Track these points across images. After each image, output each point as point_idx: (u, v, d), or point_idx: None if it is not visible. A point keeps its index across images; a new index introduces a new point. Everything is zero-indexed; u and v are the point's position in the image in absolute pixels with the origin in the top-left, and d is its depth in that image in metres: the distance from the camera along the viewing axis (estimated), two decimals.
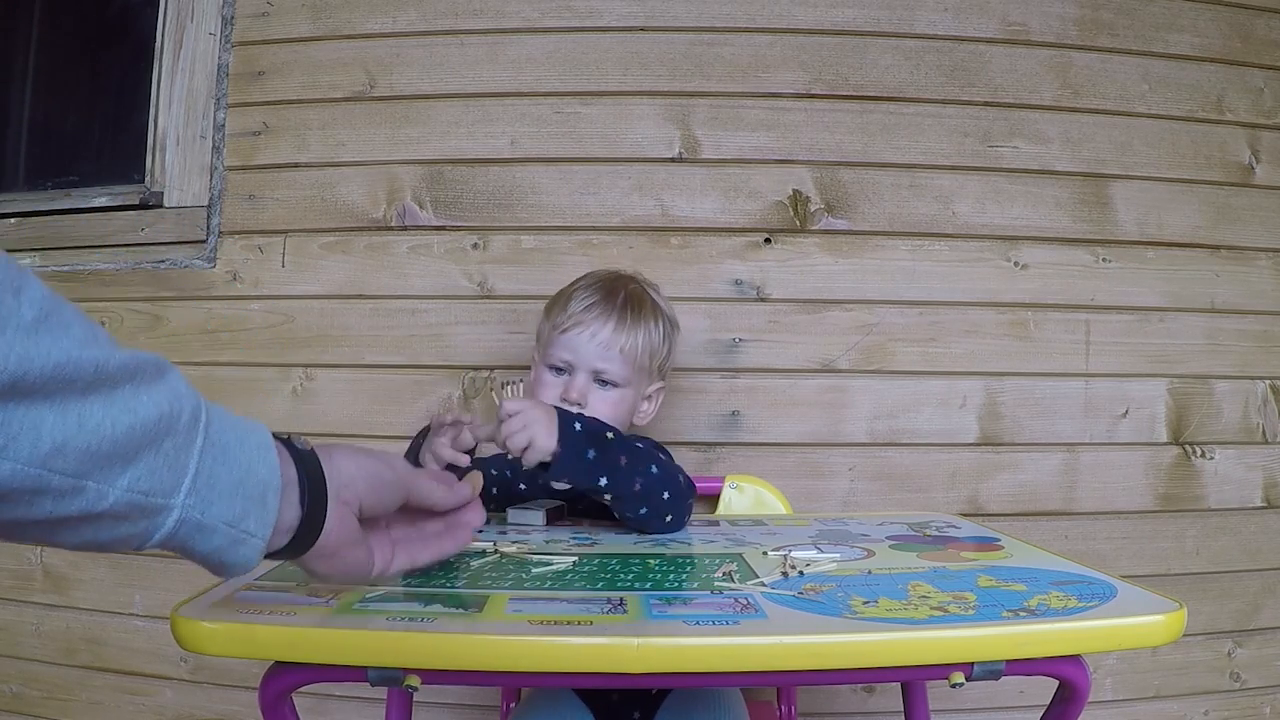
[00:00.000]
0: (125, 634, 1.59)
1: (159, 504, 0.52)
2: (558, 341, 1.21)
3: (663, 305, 1.30)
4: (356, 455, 0.67)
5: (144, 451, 0.51)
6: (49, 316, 0.46)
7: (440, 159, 1.55)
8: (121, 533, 0.52)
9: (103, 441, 0.48)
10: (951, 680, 0.68)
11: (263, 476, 0.57)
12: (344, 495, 0.64)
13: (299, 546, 0.62)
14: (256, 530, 0.57)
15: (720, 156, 1.53)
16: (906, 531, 1.08)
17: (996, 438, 1.53)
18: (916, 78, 1.54)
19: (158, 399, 0.51)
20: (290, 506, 0.60)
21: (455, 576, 0.83)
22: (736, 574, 0.83)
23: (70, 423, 0.47)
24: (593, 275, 1.30)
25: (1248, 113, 1.59)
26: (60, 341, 0.46)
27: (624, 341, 1.20)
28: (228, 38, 1.60)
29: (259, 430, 0.59)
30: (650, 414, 1.29)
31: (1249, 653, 1.57)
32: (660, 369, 1.29)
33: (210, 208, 1.59)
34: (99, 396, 0.48)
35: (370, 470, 0.67)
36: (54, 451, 0.46)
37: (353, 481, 0.65)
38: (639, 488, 1.03)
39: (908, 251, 1.53)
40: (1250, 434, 1.57)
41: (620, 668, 0.66)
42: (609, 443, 1.03)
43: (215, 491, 0.54)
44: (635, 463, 1.04)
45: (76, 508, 0.49)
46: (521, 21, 1.55)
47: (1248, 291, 1.58)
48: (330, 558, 0.65)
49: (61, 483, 0.47)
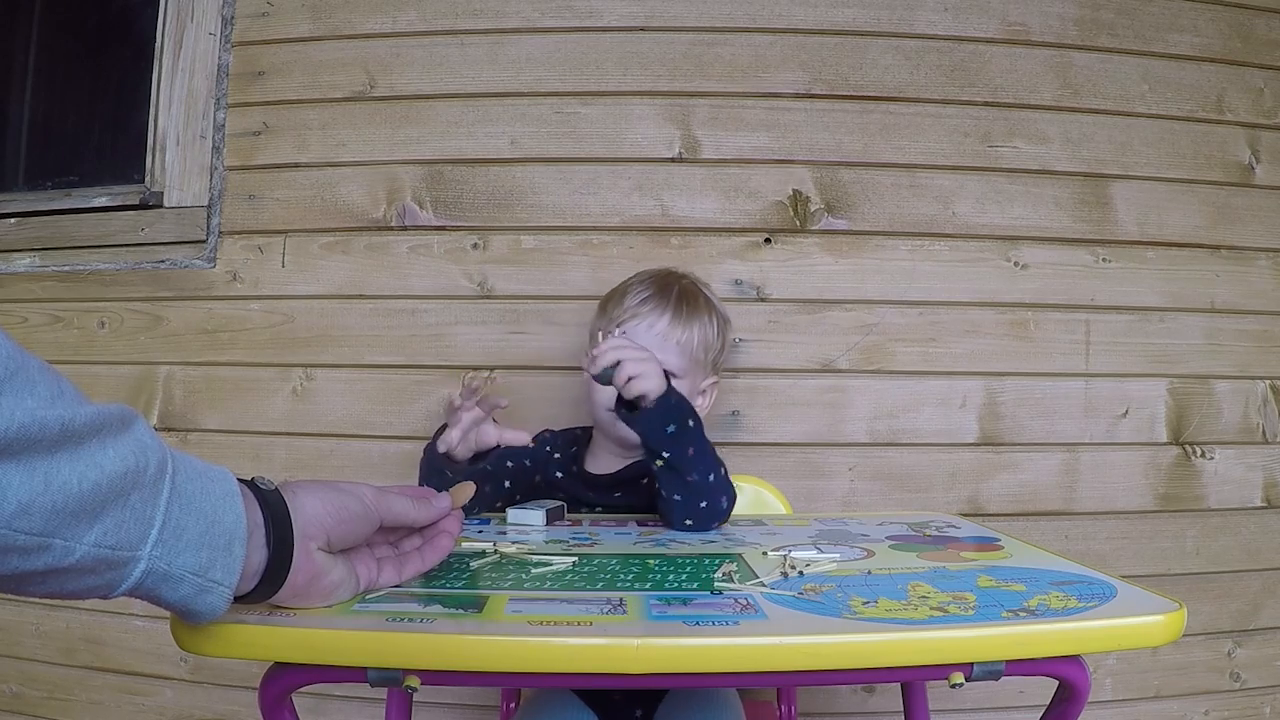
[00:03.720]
0: (125, 634, 1.59)
1: (125, 556, 0.52)
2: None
3: (715, 301, 1.32)
4: (322, 491, 0.67)
5: (110, 506, 0.50)
6: (14, 376, 0.46)
7: (440, 159, 1.55)
8: (88, 584, 0.52)
9: (69, 499, 0.48)
10: (951, 680, 0.68)
11: (228, 524, 0.58)
12: (309, 531, 0.65)
13: (267, 589, 0.63)
14: (223, 579, 0.58)
15: (720, 156, 1.53)
16: (906, 531, 1.08)
17: (996, 438, 1.53)
18: (916, 78, 1.54)
19: (123, 452, 0.51)
20: (256, 549, 0.61)
21: (455, 577, 0.83)
22: (736, 574, 0.83)
23: (37, 482, 0.46)
24: (645, 272, 1.32)
25: (1248, 113, 1.59)
26: (25, 400, 0.46)
27: (680, 334, 1.22)
28: (228, 38, 1.60)
29: (224, 478, 0.59)
30: (705, 408, 1.29)
31: (1249, 653, 1.57)
32: (714, 363, 1.30)
33: (210, 208, 1.59)
34: (65, 454, 0.48)
35: (335, 504, 0.67)
36: (19, 511, 0.46)
37: (317, 517, 0.65)
38: (692, 478, 1.06)
39: (908, 251, 1.53)
40: (1250, 434, 1.57)
41: (620, 668, 0.66)
42: (689, 429, 1.06)
43: (182, 542, 0.55)
44: (699, 458, 1.06)
45: (42, 563, 0.48)
46: (521, 21, 1.55)
47: (1248, 291, 1.58)
48: (303, 594, 0.66)
49: (27, 541, 0.47)
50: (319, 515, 0.65)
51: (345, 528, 0.68)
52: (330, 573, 0.68)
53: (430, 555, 0.79)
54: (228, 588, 0.58)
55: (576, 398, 1.52)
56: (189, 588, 0.56)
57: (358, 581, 0.72)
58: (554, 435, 1.33)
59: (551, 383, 1.53)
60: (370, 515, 0.70)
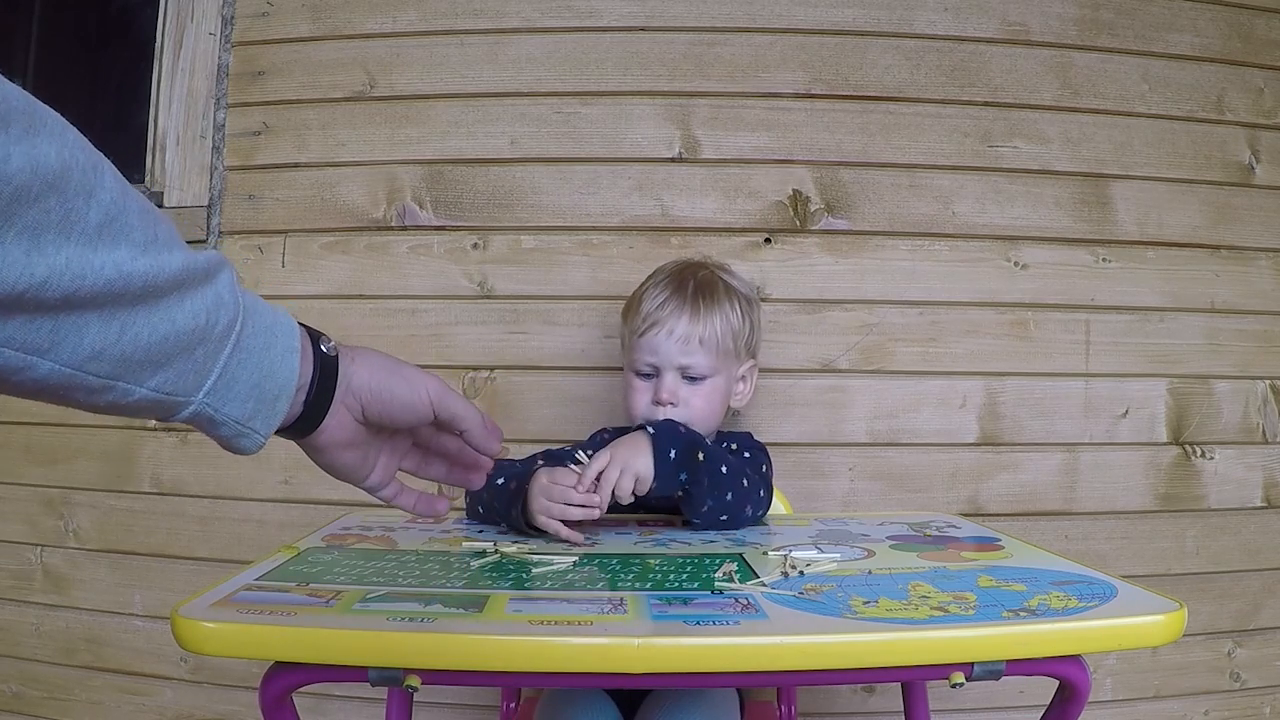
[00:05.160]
0: (125, 634, 1.59)
1: (179, 401, 0.55)
2: (639, 345, 1.21)
3: (736, 284, 1.28)
4: (380, 368, 0.68)
5: (176, 357, 0.53)
6: (113, 221, 0.47)
7: (440, 159, 1.55)
8: (141, 414, 0.55)
9: (139, 349, 0.50)
10: (951, 680, 0.68)
11: (280, 381, 0.60)
12: (347, 401, 0.66)
13: (293, 434, 0.65)
14: (261, 429, 0.60)
15: (720, 156, 1.53)
16: (907, 531, 1.08)
17: (996, 438, 1.53)
18: (916, 78, 1.54)
19: (198, 308, 0.53)
20: (296, 406, 0.63)
21: (456, 576, 0.83)
22: (737, 574, 0.83)
23: (113, 331, 0.48)
24: (660, 271, 1.29)
25: (1248, 113, 1.59)
26: (117, 251, 0.47)
27: (702, 331, 1.20)
28: (228, 38, 1.60)
29: (289, 333, 0.61)
30: (747, 394, 1.29)
31: (1249, 653, 1.57)
32: (748, 347, 1.27)
33: (210, 208, 1.59)
34: (144, 308, 0.50)
35: (383, 384, 0.67)
36: (92, 356, 0.48)
37: (360, 390, 0.66)
38: (710, 504, 1.07)
39: (908, 251, 1.53)
40: (1250, 434, 1.57)
41: (620, 668, 0.66)
42: (698, 465, 1.05)
43: (233, 392, 0.57)
44: (713, 485, 1.06)
45: (105, 400, 0.51)
46: (521, 21, 1.55)
47: (1248, 291, 1.58)
48: (321, 452, 0.67)
49: (95, 382, 0.49)
50: (363, 387, 0.66)
51: (383, 408, 0.67)
52: (357, 448, 0.68)
53: (456, 474, 0.77)
54: (263, 436, 0.61)
55: (577, 398, 1.52)
56: (229, 431, 0.59)
57: (370, 476, 0.71)
58: (611, 434, 1.31)
59: (551, 383, 1.53)
60: (418, 406, 0.68)
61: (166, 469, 1.58)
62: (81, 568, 1.60)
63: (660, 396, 1.18)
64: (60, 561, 1.61)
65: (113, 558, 1.59)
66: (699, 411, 1.19)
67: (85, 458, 1.60)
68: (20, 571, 1.62)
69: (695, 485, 1.05)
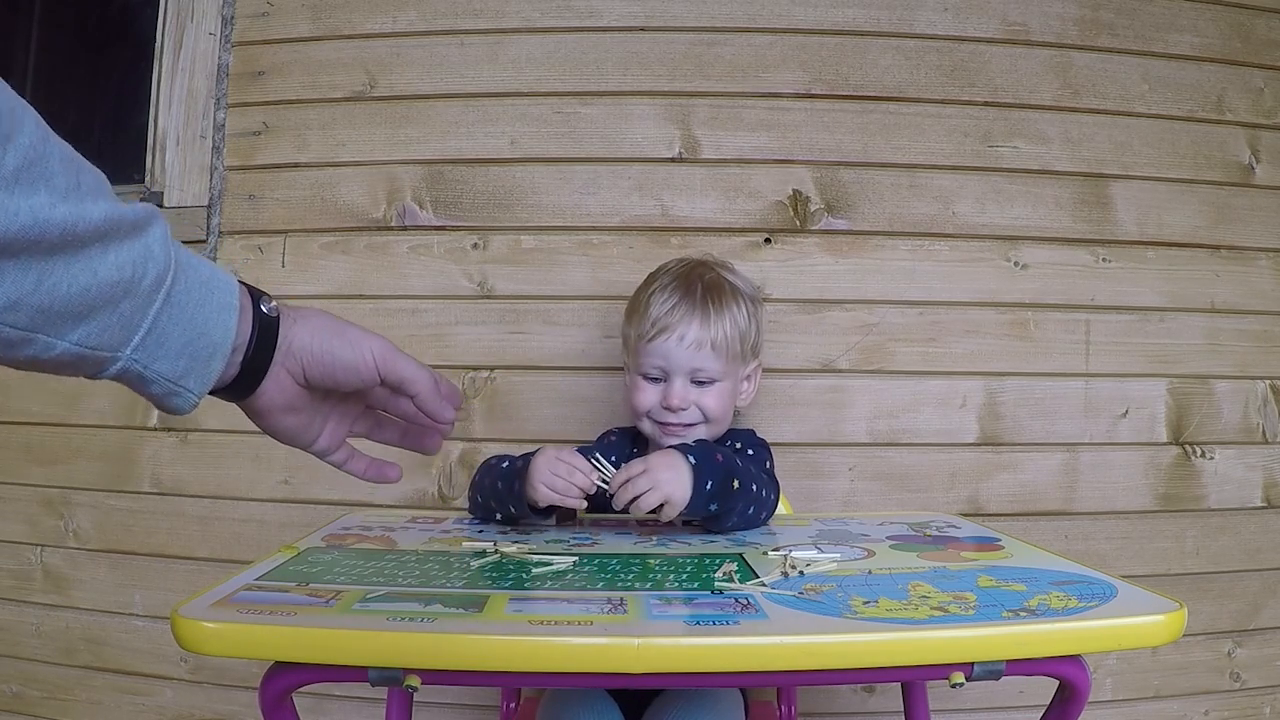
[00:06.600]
0: (125, 634, 1.59)
1: (104, 357, 0.53)
2: (647, 350, 1.20)
3: (741, 285, 1.27)
4: (321, 328, 0.65)
5: (99, 311, 0.51)
6: (31, 166, 0.46)
7: (440, 159, 1.55)
8: (66, 371, 0.54)
9: (56, 300, 0.49)
10: (951, 680, 0.68)
11: (215, 339, 0.58)
12: (288, 363, 0.64)
13: (231, 395, 0.64)
14: (195, 388, 0.59)
15: (720, 156, 1.53)
16: (907, 531, 1.08)
17: (996, 438, 1.53)
18: (916, 78, 1.54)
19: (123, 260, 0.52)
20: (233, 366, 0.61)
21: (455, 576, 0.83)
22: (737, 574, 0.83)
23: (29, 281, 0.47)
24: (664, 272, 1.27)
25: (1248, 113, 1.59)
26: (35, 197, 0.46)
27: (713, 336, 1.18)
28: (228, 38, 1.60)
29: (227, 289, 0.59)
30: (750, 394, 1.29)
31: (1249, 653, 1.57)
32: (753, 349, 1.27)
33: (210, 208, 1.59)
34: (63, 257, 0.48)
35: (325, 345, 0.65)
36: (8, 306, 0.47)
37: (301, 352, 0.64)
38: (730, 524, 1.06)
39: (908, 251, 1.53)
40: (1250, 434, 1.57)
41: (620, 668, 0.66)
42: (731, 493, 1.04)
43: (163, 349, 0.56)
44: (742, 506, 1.05)
45: (25, 354, 0.50)
46: (521, 21, 1.55)
47: (1248, 291, 1.58)
48: (262, 415, 0.66)
49: (11, 334, 0.48)
50: (304, 348, 0.64)
51: (324, 371, 0.65)
52: (300, 411, 0.67)
53: (411, 439, 0.76)
54: (197, 395, 0.59)
55: (576, 398, 1.52)
56: (160, 389, 0.57)
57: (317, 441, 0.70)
58: (620, 434, 1.31)
59: (551, 383, 1.53)
60: (361, 368, 0.66)
61: (166, 469, 1.58)
62: (81, 568, 1.60)
63: (671, 403, 1.18)
64: (60, 561, 1.61)
65: (113, 558, 1.59)
66: (712, 413, 1.19)
67: (85, 458, 1.60)
68: (20, 571, 1.62)
69: (725, 513, 1.05)
